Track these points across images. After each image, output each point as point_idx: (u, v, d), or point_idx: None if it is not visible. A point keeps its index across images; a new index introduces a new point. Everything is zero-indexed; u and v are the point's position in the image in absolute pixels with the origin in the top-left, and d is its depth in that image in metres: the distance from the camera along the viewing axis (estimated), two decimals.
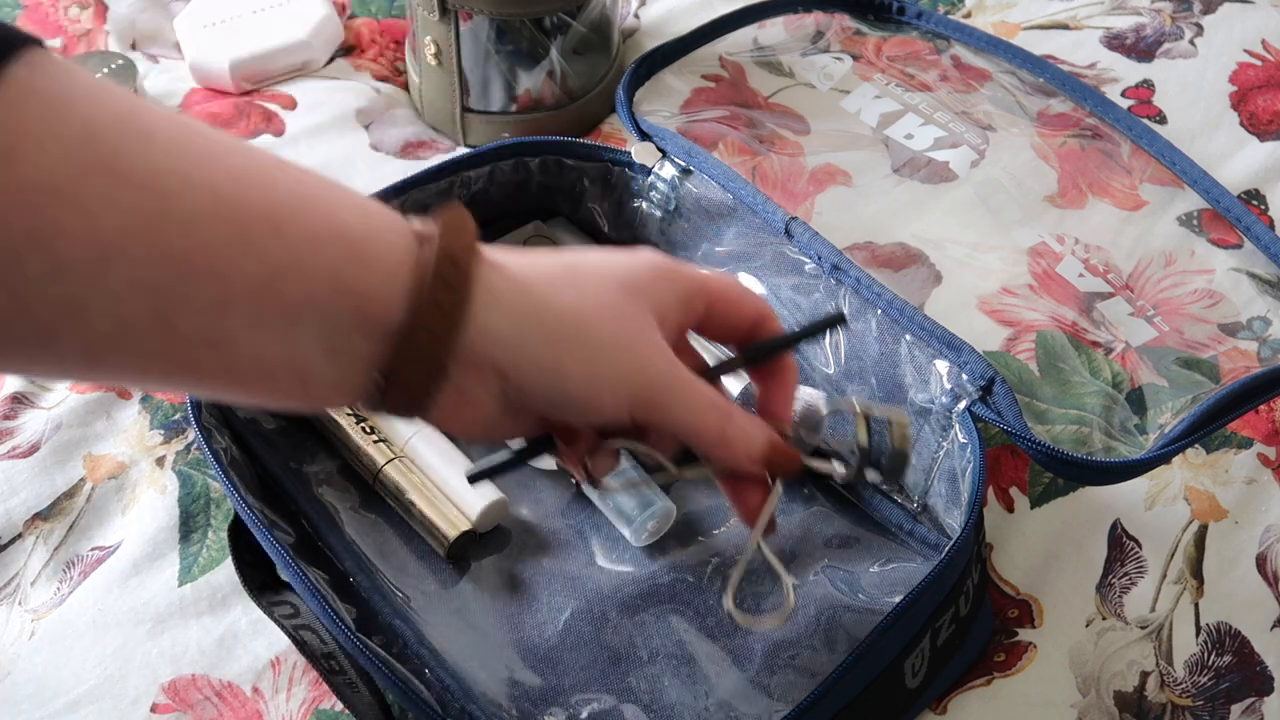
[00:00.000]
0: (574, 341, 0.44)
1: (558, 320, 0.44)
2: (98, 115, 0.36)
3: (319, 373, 0.40)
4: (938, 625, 0.54)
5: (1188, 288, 0.74)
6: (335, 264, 0.39)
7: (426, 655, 0.56)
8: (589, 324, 0.44)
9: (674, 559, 0.61)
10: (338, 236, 0.39)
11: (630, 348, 0.45)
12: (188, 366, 0.38)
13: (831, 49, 0.88)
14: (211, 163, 0.37)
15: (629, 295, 0.46)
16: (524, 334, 0.43)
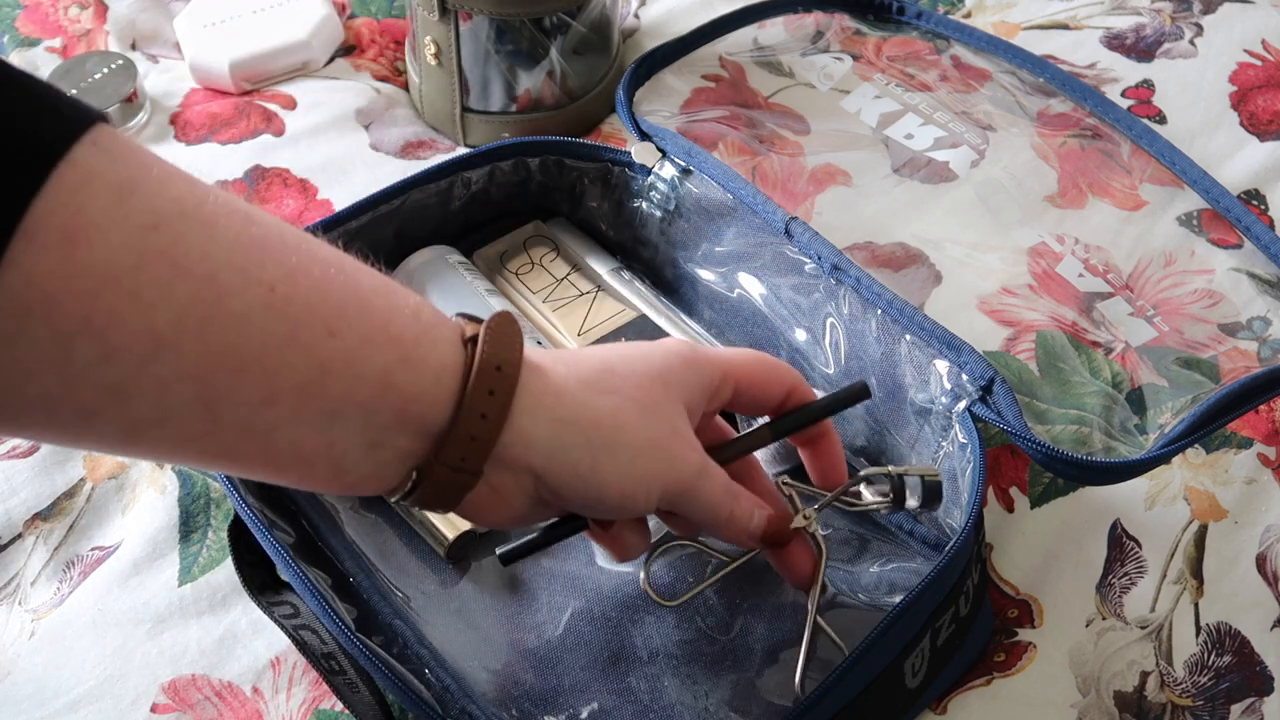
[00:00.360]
0: (611, 447, 0.45)
1: (595, 426, 0.45)
2: (161, 202, 0.35)
3: (355, 465, 0.41)
4: (938, 625, 0.54)
5: (1188, 288, 0.74)
6: (385, 366, 0.40)
7: (426, 655, 0.56)
8: (625, 429, 0.46)
9: (674, 559, 0.61)
10: (390, 341, 0.40)
11: (664, 447, 0.47)
12: (225, 451, 0.39)
13: (831, 49, 0.88)
14: (270, 258, 0.38)
15: (663, 390, 0.47)
16: (562, 439, 0.44)
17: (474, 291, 0.67)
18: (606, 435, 0.45)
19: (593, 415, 0.45)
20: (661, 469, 0.47)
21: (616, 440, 0.45)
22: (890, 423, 0.61)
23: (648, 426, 0.46)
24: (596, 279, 0.70)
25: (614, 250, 0.72)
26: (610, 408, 0.46)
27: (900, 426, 0.61)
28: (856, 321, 0.62)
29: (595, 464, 0.45)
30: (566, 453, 0.44)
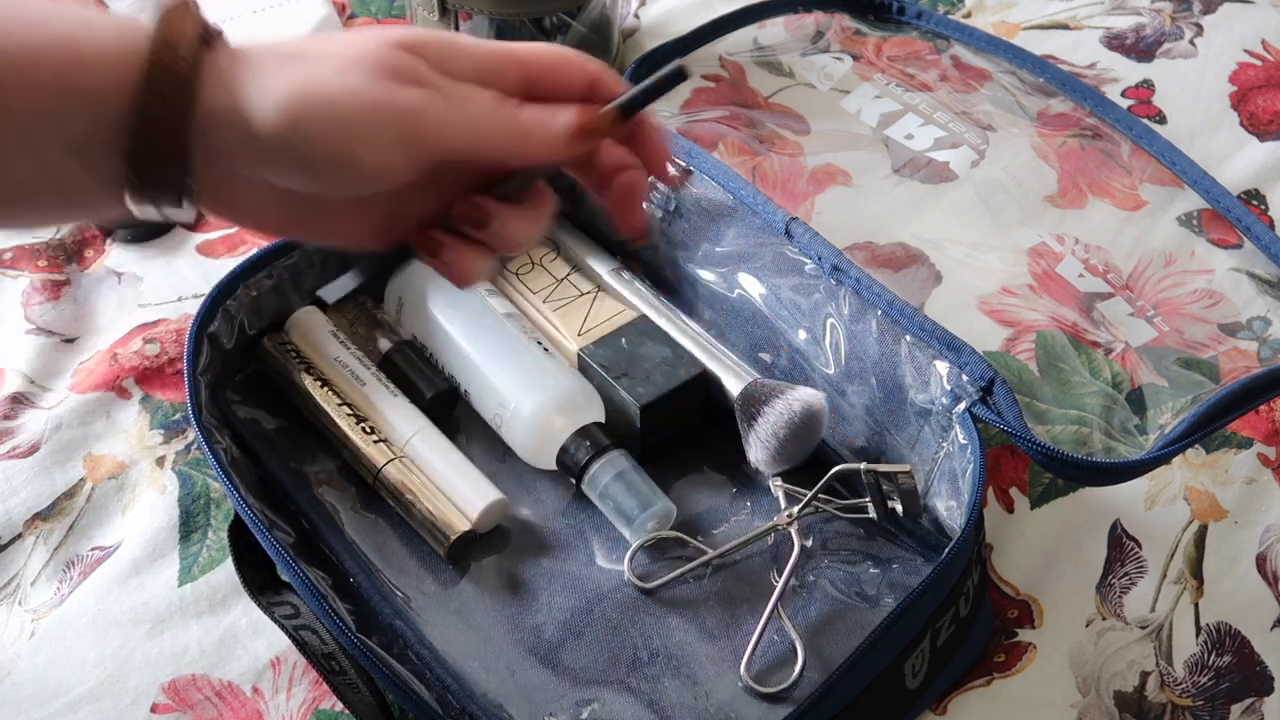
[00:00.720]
0: (324, 58, 0.41)
1: (299, 55, 0.42)
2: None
3: (76, 181, 0.41)
4: (938, 626, 0.54)
5: (1188, 288, 0.74)
6: (57, 70, 0.39)
7: (427, 655, 0.56)
8: (337, 48, 0.42)
9: (674, 559, 0.61)
10: (55, 44, 0.39)
11: (379, 78, 0.41)
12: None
13: (831, 49, 0.88)
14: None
15: (390, 50, 0.42)
16: (259, 90, 0.41)
17: (474, 291, 0.67)
18: (320, 51, 0.42)
19: (297, 50, 0.42)
20: (381, 102, 0.41)
21: (328, 53, 0.42)
22: (890, 423, 0.61)
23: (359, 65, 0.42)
24: (596, 279, 0.70)
25: (614, 250, 0.72)
26: (311, 52, 0.42)
27: (900, 427, 0.61)
28: (857, 322, 0.62)
29: (306, 78, 0.41)
30: (268, 78, 0.41)
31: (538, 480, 0.64)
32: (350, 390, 0.64)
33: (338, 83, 0.41)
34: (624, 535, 0.61)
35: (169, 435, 0.67)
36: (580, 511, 0.63)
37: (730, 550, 0.60)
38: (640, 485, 0.61)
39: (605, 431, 0.62)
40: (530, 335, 0.66)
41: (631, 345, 0.65)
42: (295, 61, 0.41)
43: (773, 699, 0.55)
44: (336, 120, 0.41)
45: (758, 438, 0.61)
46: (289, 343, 0.66)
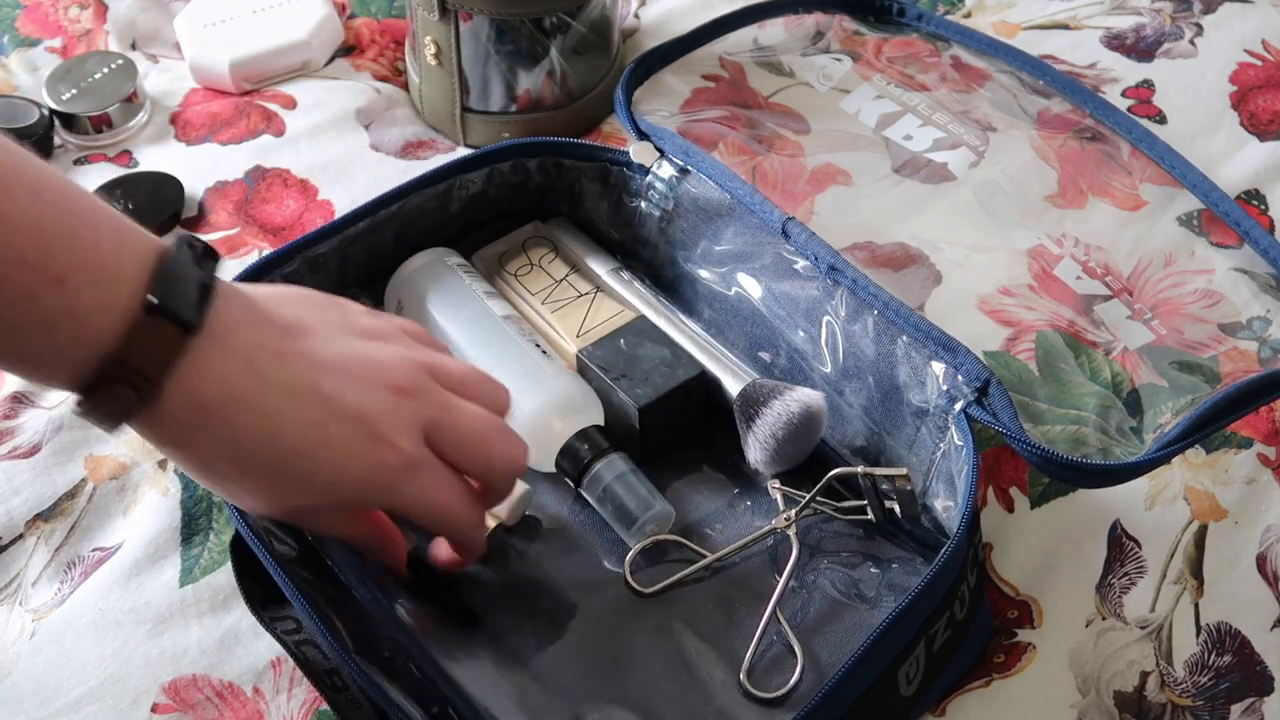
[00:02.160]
0: (305, 391, 0.46)
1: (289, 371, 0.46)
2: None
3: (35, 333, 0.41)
4: (932, 632, 0.54)
5: (1187, 288, 0.74)
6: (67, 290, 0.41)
7: (428, 668, 0.56)
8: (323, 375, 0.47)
9: (673, 562, 0.61)
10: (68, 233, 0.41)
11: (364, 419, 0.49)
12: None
13: (831, 49, 0.88)
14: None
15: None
16: (248, 380, 0.44)
17: (472, 294, 0.67)
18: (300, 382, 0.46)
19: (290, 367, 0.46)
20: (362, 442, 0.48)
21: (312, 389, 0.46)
22: (888, 423, 0.62)
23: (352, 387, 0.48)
24: (596, 279, 0.70)
25: (613, 250, 0.72)
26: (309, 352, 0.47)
27: (897, 428, 0.61)
28: (853, 322, 0.62)
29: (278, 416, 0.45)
30: (252, 394, 0.45)
31: (537, 483, 0.64)
32: None
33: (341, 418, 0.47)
34: (623, 538, 0.61)
35: None
36: (580, 514, 0.63)
37: (729, 553, 0.60)
38: (639, 488, 0.61)
39: (604, 433, 0.62)
40: (528, 338, 0.66)
41: (630, 346, 0.65)
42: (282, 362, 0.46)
43: (771, 704, 0.55)
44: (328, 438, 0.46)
45: (757, 438, 0.61)
46: None
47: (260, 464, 0.46)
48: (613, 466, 0.61)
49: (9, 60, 0.86)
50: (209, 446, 0.45)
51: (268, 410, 0.45)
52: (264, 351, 0.45)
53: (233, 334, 0.44)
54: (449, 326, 0.66)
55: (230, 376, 0.44)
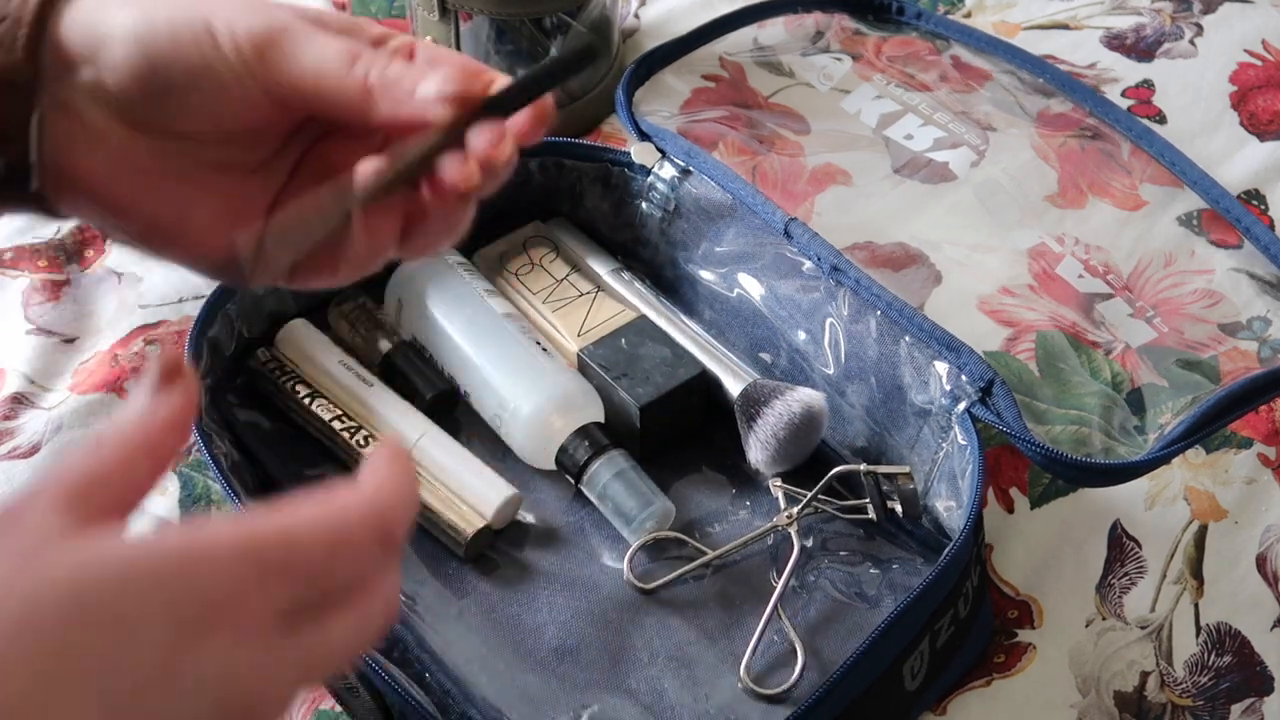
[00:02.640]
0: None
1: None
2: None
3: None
4: (937, 628, 0.54)
5: (1188, 288, 0.74)
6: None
7: (427, 659, 0.56)
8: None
9: (673, 559, 0.61)
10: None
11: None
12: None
13: (831, 49, 0.88)
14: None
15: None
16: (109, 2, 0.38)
17: (473, 292, 0.67)
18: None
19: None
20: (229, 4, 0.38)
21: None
22: (890, 424, 0.62)
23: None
24: (596, 279, 0.70)
25: (614, 250, 0.72)
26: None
27: (900, 428, 0.61)
28: (856, 322, 0.62)
29: (145, 7, 0.38)
30: (109, 14, 0.37)
31: (537, 480, 0.64)
32: (349, 398, 0.64)
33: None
34: (624, 535, 0.61)
35: None
36: (580, 511, 0.63)
37: (730, 550, 0.60)
38: (639, 485, 0.61)
39: (605, 431, 0.62)
40: (529, 336, 0.66)
41: (631, 345, 0.65)
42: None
43: (772, 700, 0.55)
44: (190, 21, 0.37)
45: (757, 438, 0.61)
46: (279, 357, 0.66)
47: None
48: (613, 463, 0.61)
49: None
50: None
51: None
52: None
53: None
54: (449, 325, 0.66)
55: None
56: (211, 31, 0.37)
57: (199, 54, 0.37)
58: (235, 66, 0.37)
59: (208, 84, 0.38)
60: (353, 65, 0.38)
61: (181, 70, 0.37)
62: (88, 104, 0.38)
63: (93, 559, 0.27)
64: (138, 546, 0.28)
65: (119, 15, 0.37)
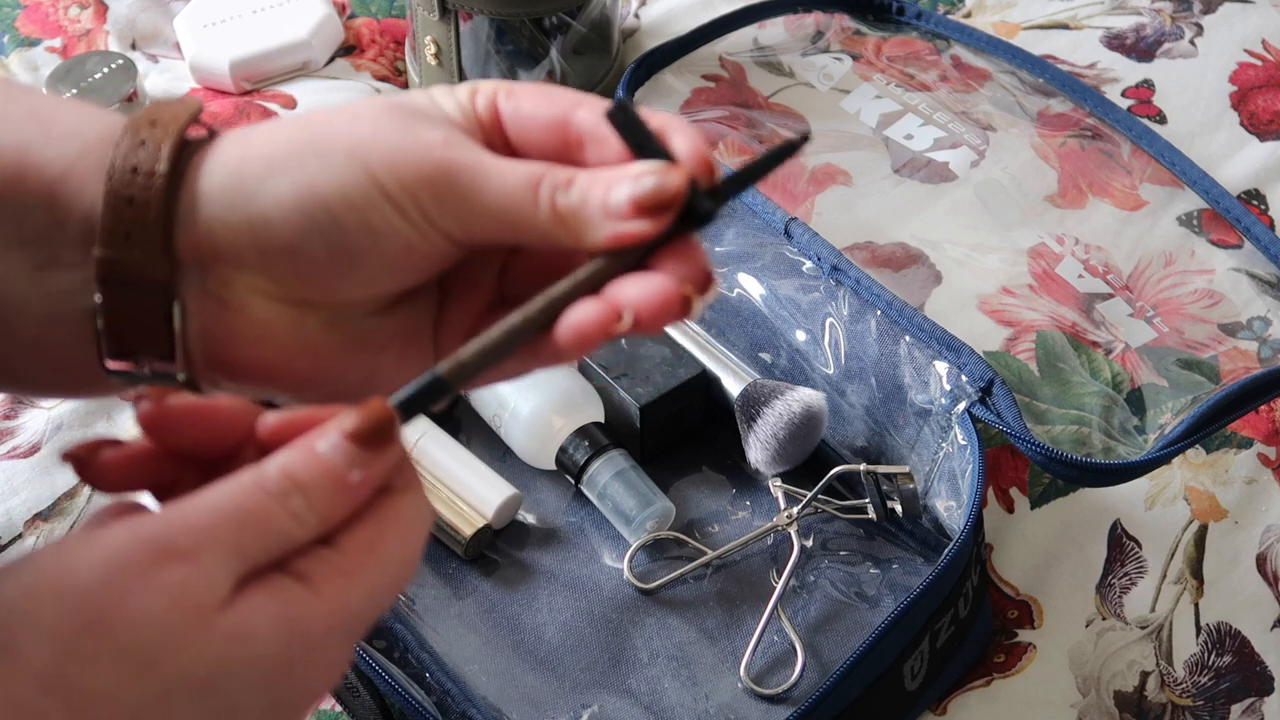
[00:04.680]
0: (315, 155, 0.33)
1: (290, 140, 0.34)
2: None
3: (25, 302, 0.33)
4: (937, 627, 0.54)
5: (1188, 288, 0.74)
6: (20, 143, 0.32)
7: (427, 659, 0.56)
8: (330, 134, 0.33)
9: (673, 559, 0.61)
10: (30, 116, 0.33)
11: (397, 135, 0.33)
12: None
13: (831, 49, 0.88)
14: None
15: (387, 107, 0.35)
16: (253, 175, 0.33)
17: None
18: (306, 147, 0.33)
19: (284, 142, 0.33)
20: (397, 155, 0.33)
21: (322, 145, 0.33)
22: (890, 423, 0.61)
23: (373, 121, 0.34)
24: None
25: None
26: (303, 123, 0.34)
27: (900, 427, 0.61)
28: (856, 322, 0.62)
29: (304, 178, 0.33)
30: (258, 190, 0.33)
31: (537, 480, 0.64)
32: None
33: (352, 129, 0.33)
34: (624, 535, 0.61)
35: None
36: (579, 511, 0.63)
37: (730, 550, 0.60)
38: (639, 485, 0.61)
39: (605, 431, 0.62)
40: None
41: (631, 345, 0.65)
42: (303, 120, 0.34)
43: (773, 700, 0.56)
44: (365, 180, 0.33)
45: (758, 438, 0.61)
46: None
47: None
48: (612, 463, 0.61)
49: (9, 60, 0.86)
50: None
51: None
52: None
53: None
54: None
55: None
56: (383, 189, 0.32)
57: (380, 219, 0.33)
58: (418, 224, 0.33)
59: (391, 247, 0.33)
60: (538, 194, 0.33)
61: (359, 241, 0.33)
62: (248, 296, 0.34)
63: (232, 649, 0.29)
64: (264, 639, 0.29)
65: (273, 190, 0.33)
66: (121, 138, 0.33)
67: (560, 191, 0.33)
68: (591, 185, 0.33)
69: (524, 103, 0.35)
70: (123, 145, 0.33)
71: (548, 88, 0.36)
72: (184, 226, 0.33)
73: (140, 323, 0.33)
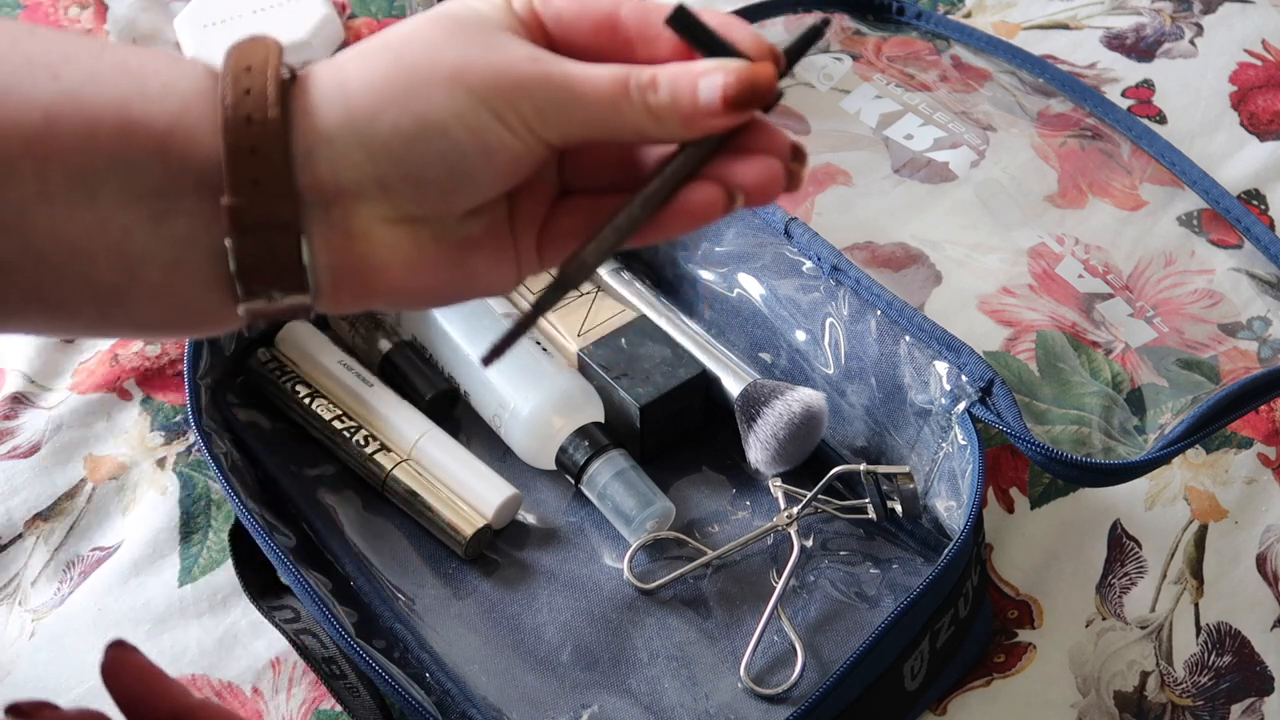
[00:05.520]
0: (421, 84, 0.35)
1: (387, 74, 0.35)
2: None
3: (150, 254, 0.34)
4: (937, 627, 0.54)
5: (1188, 288, 0.74)
6: (120, 100, 0.33)
7: (427, 659, 0.56)
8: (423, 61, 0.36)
9: (673, 559, 0.61)
10: (125, 74, 0.34)
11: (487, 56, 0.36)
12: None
13: (831, 49, 0.88)
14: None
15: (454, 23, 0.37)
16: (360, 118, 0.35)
17: None
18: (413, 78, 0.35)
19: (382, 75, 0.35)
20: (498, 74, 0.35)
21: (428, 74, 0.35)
22: (890, 423, 0.62)
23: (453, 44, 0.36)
24: (596, 279, 0.70)
25: None
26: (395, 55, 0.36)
27: (900, 427, 0.61)
28: (856, 322, 0.62)
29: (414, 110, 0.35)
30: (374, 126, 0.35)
31: (537, 480, 0.64)
32: (349, 398, 0.64)
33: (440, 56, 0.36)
34: (624, 535, 0.61)
35: (170, 436, 0.67)
36: (580, 511, 0.63)
37: (730, 550, 0.60)
38: (639, 485, 0.61)
39: (605, 431, 0.62)
40: (529, 335, 0.66)
41: (631, 345, 0.65)
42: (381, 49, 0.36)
43: (773, 700, 0.56)
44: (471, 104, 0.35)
45: (758, 438, 0.61)
46: (280, 357, 0.66)
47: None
48: (612, 463, 0.61)
49: None
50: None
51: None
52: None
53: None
54: (450, 324, 0.66)
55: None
56: (492, 109, 0.35)
57: (494, 136, 0.35)
58: (523, 136, 0.36)
59: (501, 159, 0.36)
60: (628, 95, 0.36)
61: (475, 159, 0.36)
62: (371, 225, 0.36)
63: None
64: None
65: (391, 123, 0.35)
66: (224, 86, 0.34)
67: (650, 91, 0.36)
68: (677, 83, 0.36)
69: (561, 6, 0.38)
70: (229, 96, 0.34)
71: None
72: (304, 167, 0.35)
73: (273, 262, 0.35)
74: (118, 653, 0.38)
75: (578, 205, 0.40)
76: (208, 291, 0.35)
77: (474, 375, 0.65)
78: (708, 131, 0.37)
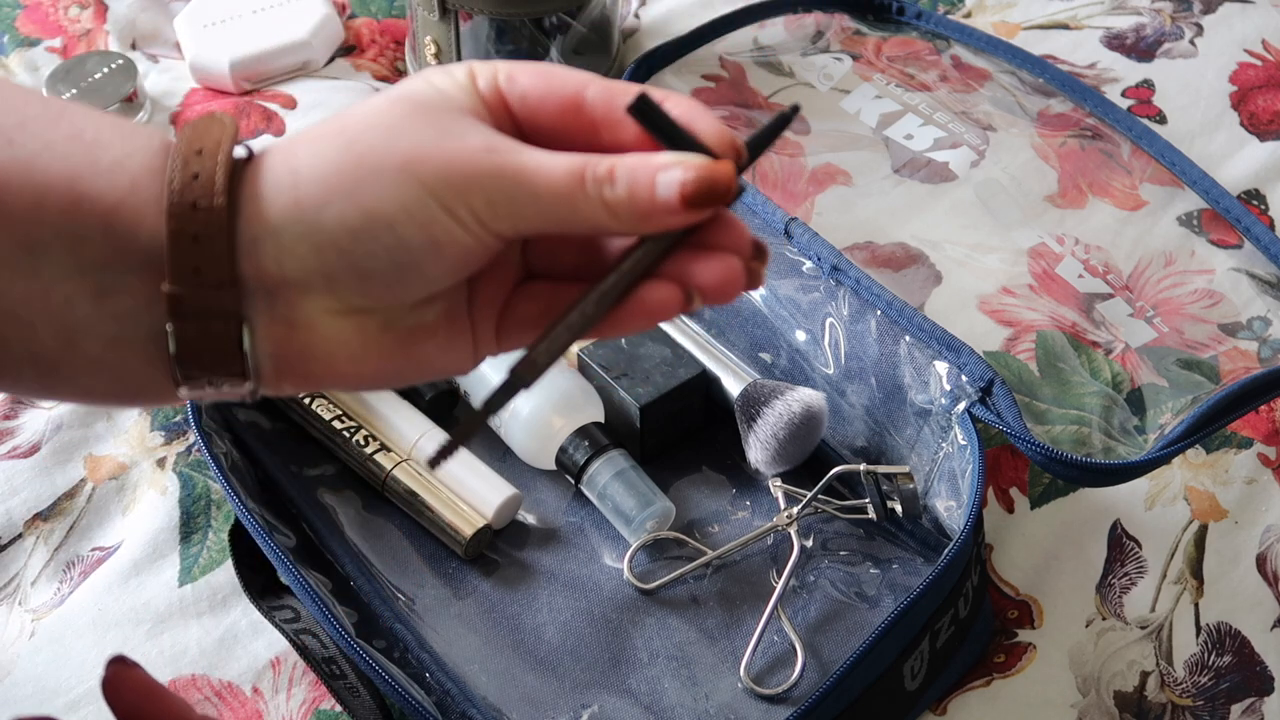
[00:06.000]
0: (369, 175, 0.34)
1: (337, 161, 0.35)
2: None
3: (91, 326, 0.34)
4: (937, 627, 0.54)
5: (1188, 288, 0.74)
6: (70, 172, 0.33)
7: (427, 659, 0.56)
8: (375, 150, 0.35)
9: (673, 559, 0.61)
10: (78, 146, 0.34)
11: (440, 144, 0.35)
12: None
13: (831, 49, 0.88)
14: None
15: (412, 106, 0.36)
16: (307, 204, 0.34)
17: None
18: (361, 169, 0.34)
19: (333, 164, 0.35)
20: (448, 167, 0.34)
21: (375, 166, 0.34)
22: (890, 424, 0.62)
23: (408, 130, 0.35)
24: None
25: None
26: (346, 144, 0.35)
27: (900, 427, 0.61)
28: (856, 322, 0.62)
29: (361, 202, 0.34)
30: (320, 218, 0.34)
31: (537, 480, 0.64)
32: (350, 398, 0.64)
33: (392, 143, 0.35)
34: (624, 535, 0.61)
35: (170, 436, 0.67)
36: (579, 511, 0.63)
37: (730, 550, 0.60)
38: (639, 485, 0.61)
39: (605, 431, 0.62)
40: None
41: (631, 345, 0.65)
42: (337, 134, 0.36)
43: (773, 700, 0.56)
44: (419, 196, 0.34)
45: (758, 438, 0.61)
46: None
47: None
48: (612, 463, 0.61)
49: (9, 60, 0.86)
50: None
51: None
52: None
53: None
54: None
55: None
56: (441, 203, 0.34)
57: (441, 230, 0.35)
58: (473, 229, 0.35)
59: (451, 253, 0.35)
60: (584, 188, 0.35)
61: (422, 252, 0.35)
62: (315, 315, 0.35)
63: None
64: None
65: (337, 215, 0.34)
66: (172, 169, 0.34)
67: (606, 185, 0.35)
68: (635, 177, 0.35)
69: (527, 86, 0.37)
70: (176, 180, 0.34)
71: (545, 67, 0.38)
72: (248, 256, 0.34)
73: (212, 349, 0.35)
74: (118, 668, 0.38)
75: (540, 291, 0.39)
76: (148, 368, 0.35)
77: (473, 375, 0.65)
78: (665, 229, 0.36)
